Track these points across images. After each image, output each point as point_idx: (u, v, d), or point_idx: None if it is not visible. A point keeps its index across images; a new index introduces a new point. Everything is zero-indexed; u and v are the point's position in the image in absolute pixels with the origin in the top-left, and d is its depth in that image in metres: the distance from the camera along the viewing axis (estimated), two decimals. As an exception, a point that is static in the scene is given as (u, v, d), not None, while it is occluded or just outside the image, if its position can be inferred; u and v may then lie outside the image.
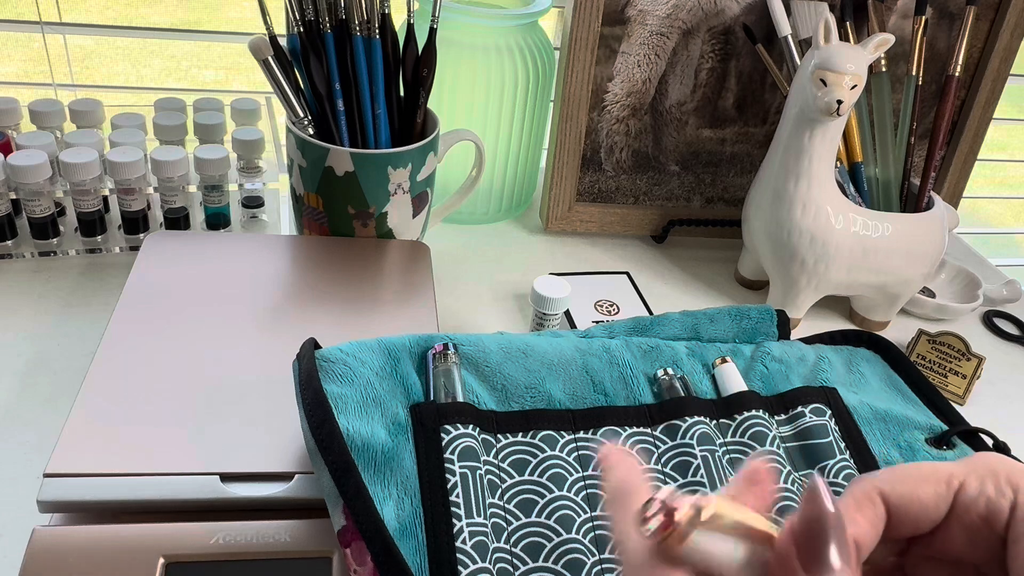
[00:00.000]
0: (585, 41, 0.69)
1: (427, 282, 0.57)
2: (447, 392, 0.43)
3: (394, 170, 0.58)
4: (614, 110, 0.73)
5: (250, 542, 0.37)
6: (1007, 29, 0.75)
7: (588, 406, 0.45)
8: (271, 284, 0.54)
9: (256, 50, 0.55)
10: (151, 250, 0.56)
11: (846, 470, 0.44)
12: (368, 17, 0.57)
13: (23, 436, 0.49)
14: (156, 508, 0.39)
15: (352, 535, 0.36)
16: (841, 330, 0.58)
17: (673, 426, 0.44)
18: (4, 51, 2.78)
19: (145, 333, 0.48)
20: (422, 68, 0.60)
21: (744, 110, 0.75)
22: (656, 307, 0.68)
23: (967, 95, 0.79)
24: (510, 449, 0.42)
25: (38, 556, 0.36)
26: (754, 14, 0.71)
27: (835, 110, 0.58)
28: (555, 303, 0.59)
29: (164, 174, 0.62)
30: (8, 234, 0.63)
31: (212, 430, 0.42)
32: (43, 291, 0.60)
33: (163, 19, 3.15)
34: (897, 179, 0.70)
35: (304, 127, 0.58)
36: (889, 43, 0.60)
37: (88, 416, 0.42)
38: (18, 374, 0.53)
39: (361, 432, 0.39)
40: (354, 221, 0.60)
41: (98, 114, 0.68)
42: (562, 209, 0.76)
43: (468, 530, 0.37)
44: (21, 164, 0.59)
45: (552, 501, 0.40)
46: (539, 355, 0.46)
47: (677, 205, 0.79)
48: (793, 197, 0.63)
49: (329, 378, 0.41)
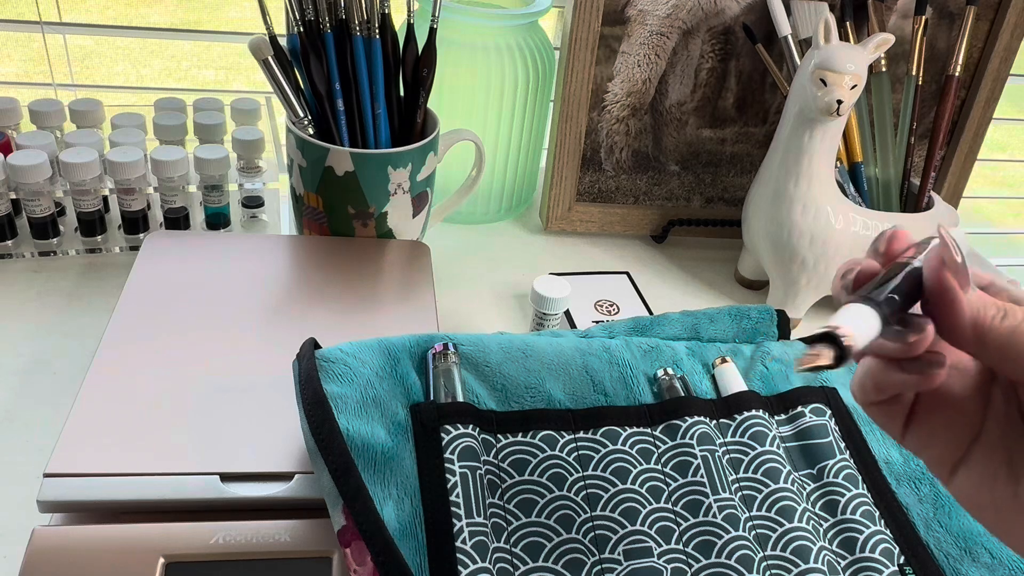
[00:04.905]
0: (585, 41, 0.69)
1: (427, 282, 0.57)
2: (447, 392, 0.43)
3: (394, 170, 0.58)
4: (614, 110, 0.73)
5: (250, 542, 0.37)
6: (1007, 29, 0.75)
7: (588, 406, 0.45)
8: (271, 284, 0.54)
9: (256, 50, 0.55)
10: (151, 250, 0.56)
11: (846, 470, 0.44)
12: (368, 17, 0.57)
13: (23, 436, 0.49)
14: (156, 508, 0.39)
15: (352, 535, 0.36)
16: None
17: (673, 426, 0.44)
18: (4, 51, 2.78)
19: (145, 333, 0.48)
20: (422, 68, 0.60)
21: (744, 110, 0.75)
22: (656, 307, 0.68)
23: (967, 95, 0.79)
24: (510, 449, 0.42)
25: (38, 556, 0.36)
26: (754, 14, 0.71)
27: (835, 110, 0.58)
28: (555, 303, 0.59)
29: (164, 174, 0.62)
30: (8, 234, 0.63)
31: (212, 430, 0.42)
32: (43, 291, 0.60)
33: (163, 19, 3.15)
34: (897, 179, 0.70)
35: (304, 127, 0.58)
36: (889, 43, 0.60)
37: (88, 416, 0.42)
38: (18, 374, 0.53)
39: (361, 432, 0.39)
40: (354, 221, 0.60)
41: (98, 114, 0.68)
42: (562, 209, 0.76)
43: (468, 530, 0.37)
44: (21, 164, 0.59)
45: (552, 501, 0.40)
46: (539, 355, 0.46)
47: (677, 205, 0.79)
48: (793, 197, 0.63)
49: (329, 378, 0.41)
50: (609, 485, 0.42)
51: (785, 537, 0.41)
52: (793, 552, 0.40)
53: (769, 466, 0.44)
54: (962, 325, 0.27)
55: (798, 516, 0.41)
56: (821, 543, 0.41)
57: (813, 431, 0.46)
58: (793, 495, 0.42)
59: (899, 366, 0.28)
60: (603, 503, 0.41)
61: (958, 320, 0.27)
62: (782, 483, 0.43)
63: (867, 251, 0.30)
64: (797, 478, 0.44)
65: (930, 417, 0.30)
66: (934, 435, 0.30)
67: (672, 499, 0.42)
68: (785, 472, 0.43)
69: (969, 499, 0.30)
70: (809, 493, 0.44)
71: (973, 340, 0.27)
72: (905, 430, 0.31)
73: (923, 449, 0.31)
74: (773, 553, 0.40)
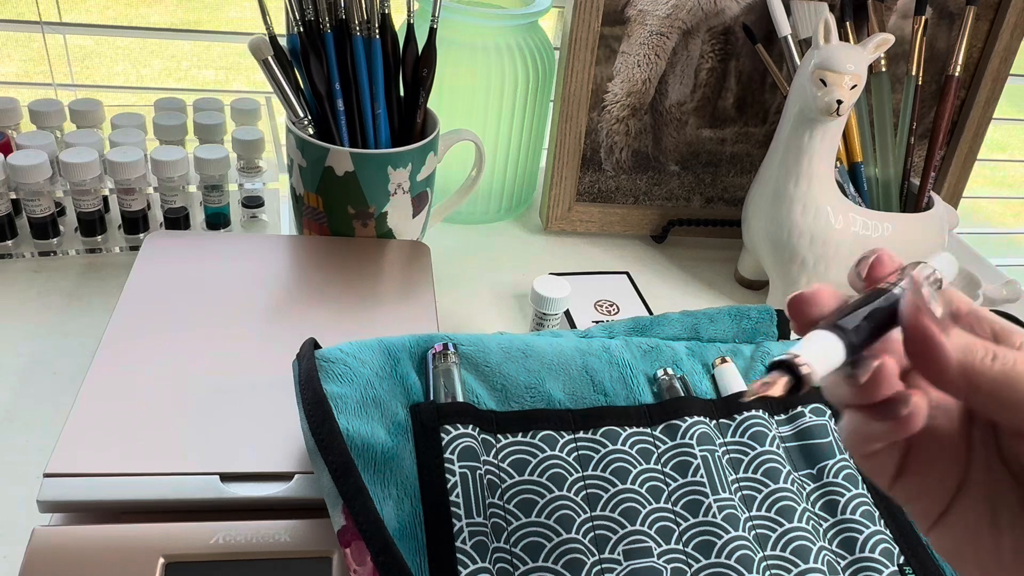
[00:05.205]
0: (585, 41, 0.69)
1: (427, 282, 0.57)
2: (447, 392, 0.43)
3: (394, 170, 0.58)
4: (614, 110, 0.73)
5: (250, 542, 0.37)
6: (1007, 29, 0.75)
7: (588, 406, 0.45)
8: (271, 284, 0.54)
9: (256, 50, 0.55)
10: (151, 250, 0.56)
11: (846, 470, 0.44)
12: (368, 17, 0.57)
13: (23, 436, 0.49)
14: (156, 508, 0.39)
15: (352, 535, 0.36)
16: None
17: (673, 426, 0.44)
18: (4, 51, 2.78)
19: (145, 333, 0.48)
20: (422, 68, 0.60)
21: (744, 110, 0.75)
22: (656, 307, 0.68)
23: (967, 95, 0.79)
24: (510, 449, 0.42)
25: (38, 556, 0.36)
26: (754, 14, 0.71)
27: (835, 110, 0.58)
28: (555, 303, 0.59)
29: (164, 174, 0.62)
30: (8, 234, 0.63)
31: (212, 430, 0.42)
32: (43, 291, 0.60)
33: (163, 19, 3.15)
34: (897, 179, 0.70)
35: (304, 127, 0.58)
36: (889, 43, 0.60)
37: (88, 416, 0.42)
38: (18, 374, 0.53)
39: (361, 432, 0.39)
40: (354, 221, 0.60)
41: (98, 114, 0.68)
42: (562, 209, 0.76)
43: (468, 530, 0.37)
44: (21, 164, 0.59)
45: (552, 501, 0.40)
46: (539, 355, 0.46)
47: (677, 205, 0.79)
48: (793, 197, 0.63)
49: (329, 378, 0.41)
50: (609, 485, 0.42)
51: (785, 537, 0.41)
52: (793, 552, 0.40)
53: (769, 466, 0.44)
54: (949, 371, 0.25)
55: (798, 516, 0.41)
56: (821, 543, 0.41)
57: (813, 431, 0.46)
58: (793, 495, 0.42)
59: (871, 414, 0.27)
60: (603, 503, 0.41)
61: (944, 366, 0.25)
62: (782, 483, 0.43)
63: (849, 273, 0.29)
64: (797, 478, 0.44)
65: (920, 466, 0.29)
66: (921, 487, 0.29)
67: (672, 499, 0.42)
68: (785, 472, 0.43)
69: (951, 553, 0.28)
70: (809, 493, 0.44)
71: (964, 386, 0.26)
72: (895, 480, 0.29)
73: (910, 501, 0.29)
74: (773, 553, 0.40)
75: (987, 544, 0.27)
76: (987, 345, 0.26)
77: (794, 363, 0.25)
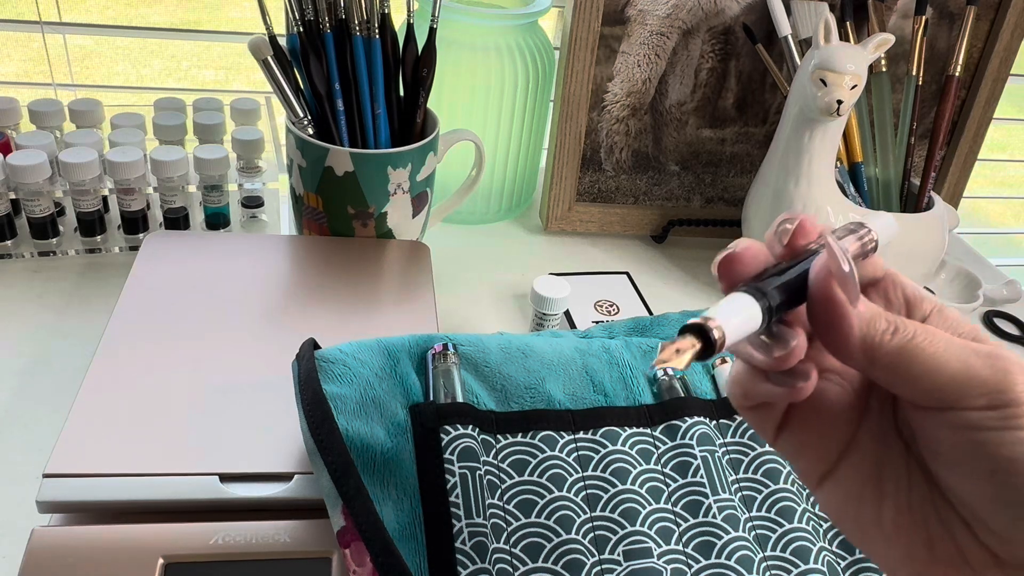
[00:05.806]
0: (585, 41, 0.69)
1: (427, 282, 0.57)
2: (447, 392, 0.43)
3: (394, 170, 0.58)
4: (614, 110, 0.73)
5: (249, 542, 0.37)
6: (1007, 29, 0.75)
7: (588, 406, 0.45)
8: (271, 284, 0.54)
9: (256, 50, 0.55)
10: (151, 250, 0.56)
11: (846, 470, 0.44)
12: (368, 17, 0.57)
13: (23, 436, 0.49)
14: (156, 508, 0.39)
15: (351, 536, 0.36)
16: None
17: (673, 426, 0.44)
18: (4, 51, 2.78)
19: (145, 333, 0.48)
20: (422, 68, 0.60)
21: (744, 110, 0.75)
22: (656, 307, 0.68)
23: (967, 95, 0.79)
24: (510, 450, 0.42)
25: (38, 556, 0.36)
26: (754, 14, 0.71)
27: (835, 110, 0.58)
28: (555, 303, 0.59)
29: (164, 174, 0.62)
30: (8, 234, 0.63)
31: (212, 430, 0.42)
32: (43, 291, 0.60)
33: (163, 19, 3.15)
34: (897, 179, 0.70)
35: (304, 127, 0.58)
36: (889, 43, 0.60)
37: (88, 416, 0.42)
38: (18, 374, 0.53)
39: (360, 433, 0.39)
40: (354, 221, 0.60)
41: (98, 114, 0.68)
42: (562, 209, 0.76)
43: (467, 531, 0.37)
44: (21, 164, 0.59)
45: (552, 501, 0.40)
46: (539, 355, 0.46)
47: (677, 205, 0.79)
48: (793, 197, 0.63)
49: (328, 378, 0.41)
50: (609, 486, 0.41)
51: (785, 538, 0.41)
52: (793, 553, 0.40)
53: (769, 466, 0.43)
54: (851, 343, 0.25)
55: (798, 516, 0.41)
56: (821, 543, 0.41)
57: (813, 431, 0.46)
58: (793, 495, 0.42)
59: (765, 376, 0.26)
60: (603, 504, 0.41)
61: (846, 338, 0.25)
62: (782, 483, 0.43)
63: (767, 235, 0.27)
64: (797, 478, 0.44)
65: (802, 425, 0.28)
66: (805, 444, 0.28)
67: (672, 499, 0.42)
68: (785, 472, 0.43)
69: (835, 513, 0.28)
70: (809, 494, 0.44)
71: (863, 359, 0.25)
72: (777, 435, 0.29)
73: (794, 458, 0.29)
74: (773, 554, 0.40)
75: (870, 508, 0.27)
76: (890, 317, 0.25)
77: (707, 326, 0.23)
